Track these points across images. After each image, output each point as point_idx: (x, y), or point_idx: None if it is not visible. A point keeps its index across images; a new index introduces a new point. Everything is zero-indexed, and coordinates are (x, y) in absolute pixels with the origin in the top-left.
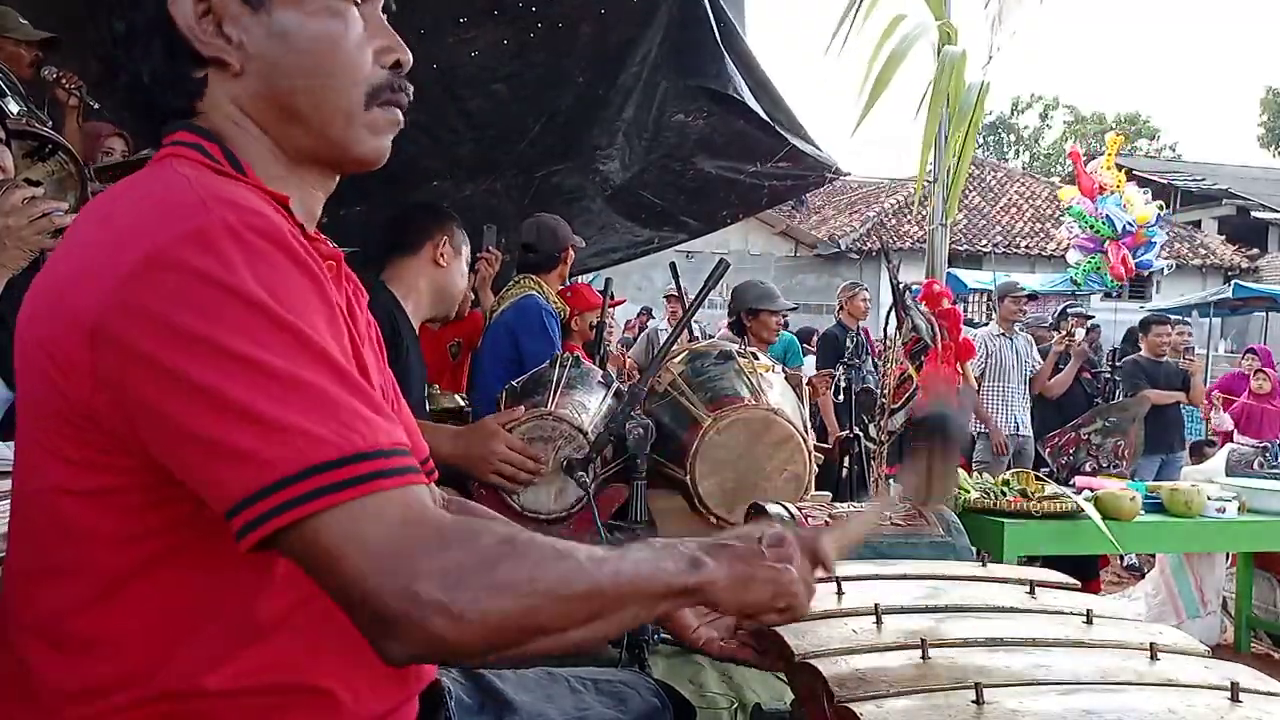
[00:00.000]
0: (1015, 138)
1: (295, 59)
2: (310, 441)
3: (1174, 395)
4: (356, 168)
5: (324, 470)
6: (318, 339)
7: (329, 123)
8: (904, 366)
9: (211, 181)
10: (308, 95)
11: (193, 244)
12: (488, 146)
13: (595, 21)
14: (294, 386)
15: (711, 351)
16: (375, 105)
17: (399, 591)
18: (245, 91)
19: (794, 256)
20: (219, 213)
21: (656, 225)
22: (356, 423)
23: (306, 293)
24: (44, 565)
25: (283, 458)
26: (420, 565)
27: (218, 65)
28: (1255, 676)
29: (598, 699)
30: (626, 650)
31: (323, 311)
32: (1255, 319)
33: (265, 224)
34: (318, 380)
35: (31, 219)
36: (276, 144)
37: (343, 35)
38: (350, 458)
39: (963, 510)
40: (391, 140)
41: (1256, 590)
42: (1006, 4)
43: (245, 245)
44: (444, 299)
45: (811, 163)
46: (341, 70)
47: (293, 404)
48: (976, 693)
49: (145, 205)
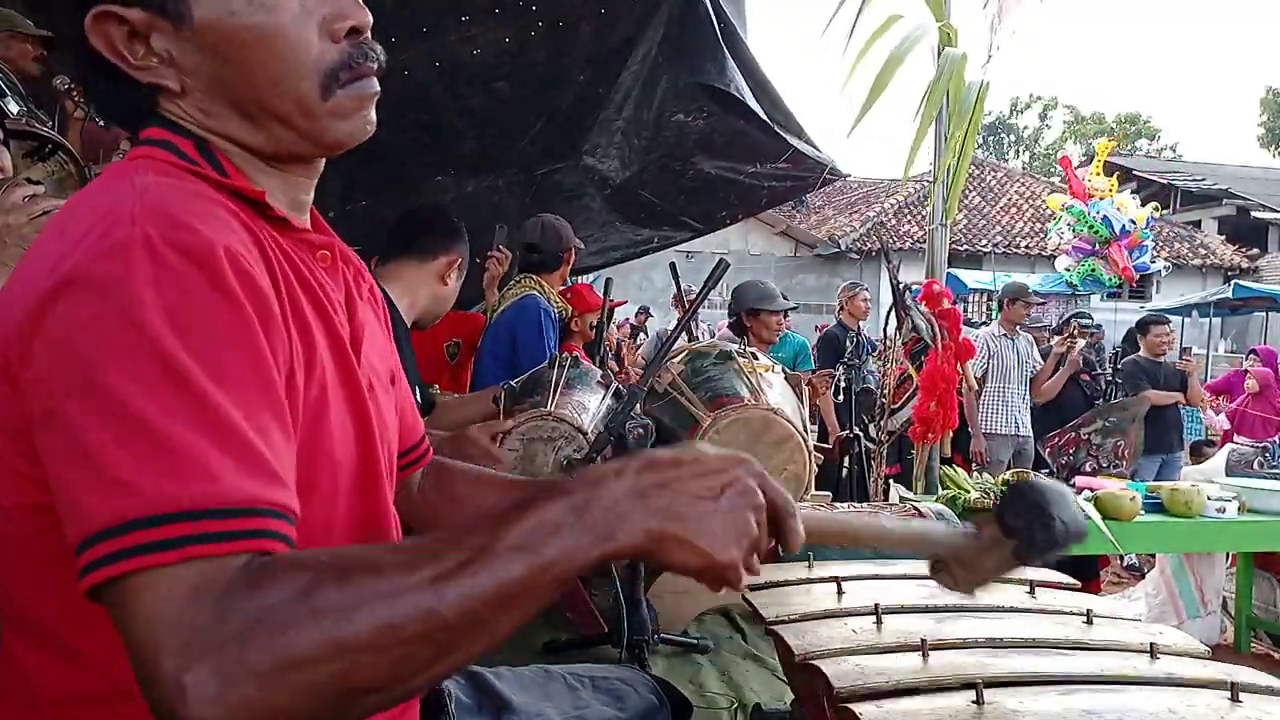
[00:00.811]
0: (1015, 138)
1: (231, 69)
2: (130, 496)
3: (1173, 395)
4: (335, 152)
5: (135, 528)
6: (199, 378)
7: (289, 121)
8: (904, 366)
9: (164, 190)
10: (257, 103)
11: (107, 260)
12: (489, 144)
13: (596, 20)
14: (141, 433)
15: (711, 351)
16: (336, 88)
17: (170, 681)
18: (195, 106)
19: (794, 256)
20: (143, 227)
21: (656, 225)
22: (192, 479)
23: (218, 320)
24: (17, 581)
25: (101, 509)
26: (193, 650)
27: (158, 89)
28: (1255, 676)
29: (595, 696)
30: (625, 649)
31: (236, 340)
32: (1255, 319)
33: (192, 240)
34: (170, 427)
35: (32, 217)
36: (244, 146)
37: (274, 27)
38: (165, 517)
39: (962, 510)
40: (374, 110)
41: (1256, 590)
42: (1006, 4)
43: (160, 263)
44: (433, 313)
45: (811, 163)
46: (282, 68)
47: (132, 452)
48: (976, 693)
49: (87, 218)
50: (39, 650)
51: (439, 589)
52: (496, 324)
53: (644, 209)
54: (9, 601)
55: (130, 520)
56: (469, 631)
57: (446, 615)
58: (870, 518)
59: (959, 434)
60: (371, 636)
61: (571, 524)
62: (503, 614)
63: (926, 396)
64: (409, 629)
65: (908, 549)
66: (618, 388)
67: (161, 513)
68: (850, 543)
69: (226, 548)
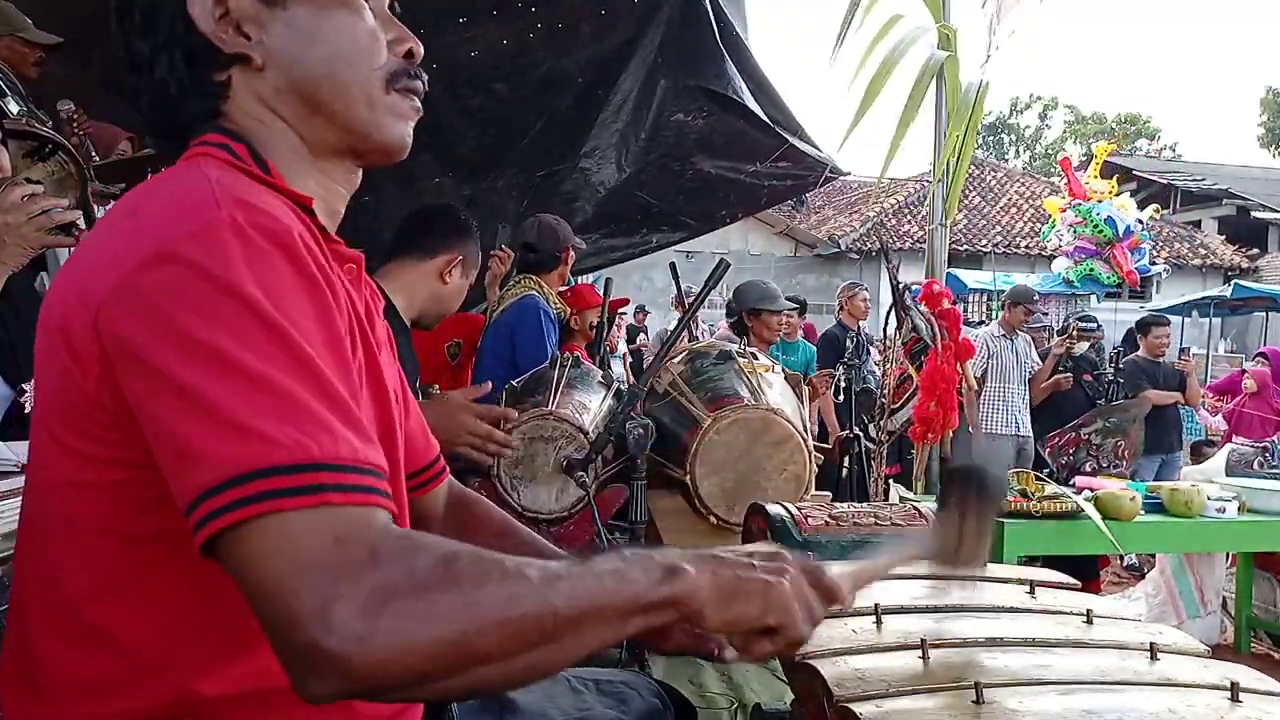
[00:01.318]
0: (1015, 137)
1: (315, 50)
2: (265, 444)
3: (1173, 395)
4: (380, 157)
5: (272, 474)
6: (302, 344)
7: (352, 108)
8: (904, 366)
9: (232, 181)
10: (330, 83)
11: (198, 240)
12: (488, 145)
13: (595, 21)
14: (264, 388)
15: (711, 351)
16: (394, 90)
17: (313, 615)
18: (268, 86)
19: (794, 256)
20: (229, 211)
21: (655, 225)
22: (319, 433)
23: (303, 298)
24: (54, 559)
25: (234, 458)
26: (343, 588)
27: (241, 62)
28: (1255, 676)
29: (599, 699)
30: (627, 650)
31: (319, 318)
32: (1255, 319)
33: (273, 225)
34: (290, 384)
35: (31, 216)
36: (301, 138)
37: (358, 25)
38: (303, 465)
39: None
40: (412, 131)
41: (1256, 590)
42: (1005, 3)
43: (248, 243)
44: (435, 312)
45: (811, 162)
46: (360, 57)
47: (258, 405)
48: (976, 692)
49: (166, 202)
50: (59, 640)
51: (552, 582)
52: (496, 324)
53: (643, 209)
54: (37, 594)
55: (263, 467)
56: (570, 631)
57: (559, 607)
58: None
59: (959, 434)
60: (500, 609)
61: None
62: (596, 626)
63: (926, 396)
64: (529, 610)
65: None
66: (618, 387)
67: (297, 461)
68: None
69: (359, 499)
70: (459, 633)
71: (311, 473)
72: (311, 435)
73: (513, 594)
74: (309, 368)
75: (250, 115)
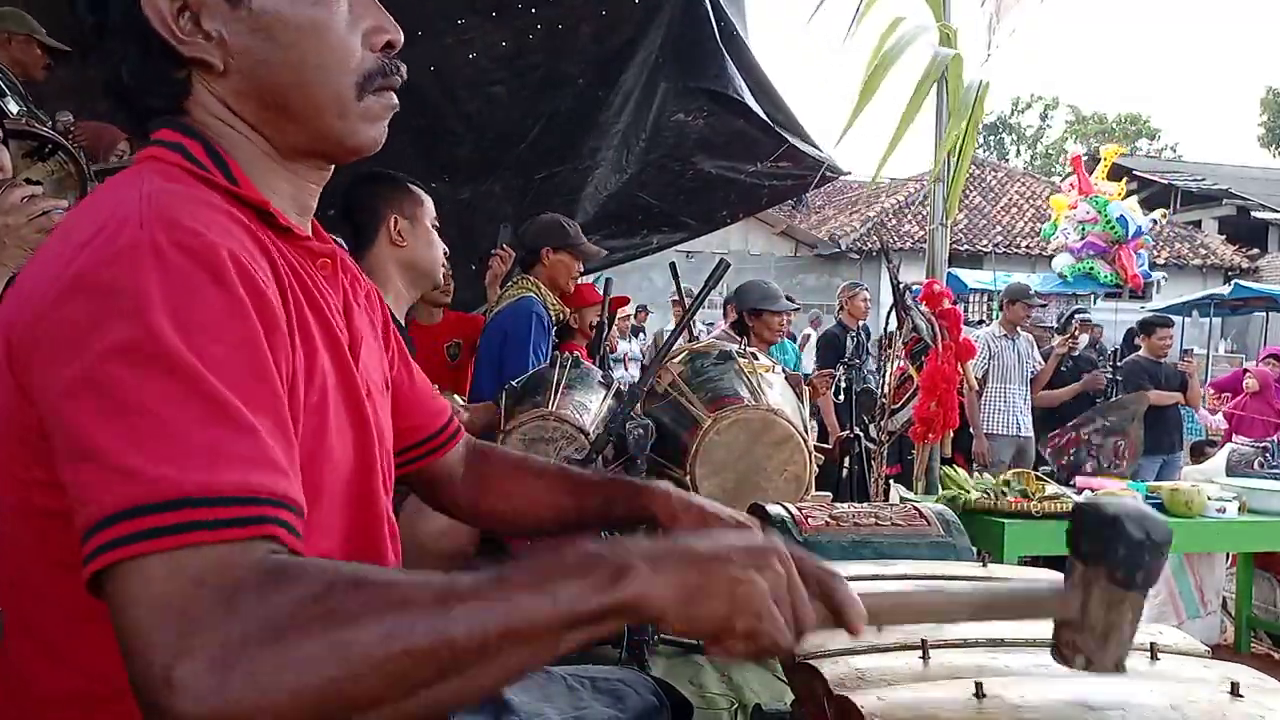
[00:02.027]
0: (1016, 137)
1: (281, 53)
2: (135, 483)
3: (1174, 396)
4: (352, 157)
5: (138, 514)
6: (203, 374)
7: (321, 116)
8: (904, 366)
9: (169, 195)
10: (298, 90)
11: (113, 266)
12: (486, 148)
13: (595, 22)
14: (148, 424)
15: (711, 352)
16: (368, 93)
17: (160, 674)
18: (231, 90)
19: (794, 256)
20: (150, 231)
21: (656, 226)
22: (198, 467)
23: (222, 319)
24: (25, 579)
25: (107, 498)
26: (194, 640)
27: (200, 65)
28: (1255, 676)
29: (595, 697)
30: (626, 650)
31: (239, 340)
32: (1255, 319)
33: (197, 243)
34: (178, 418)
35: (31, 217)
36: (267, 140)
37: (329, 22)
38: (171, 503)
39: (963, 510)
40: (386, 125)
41: (1256, 590)
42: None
43: (165, 266)
44: (418, 275)
45: (811, 162)
46: (330, 60)
47: (139, 442)
48: (977, 686)
49: (95, 223)
50: (35, 652)
51: (450, 608)
52: (491, 324)
53: (644, 210)
54: (13, 602)
55: (131, 507)
56: (478, 660)
57: (455, 636)
58: (939, 593)
59: (959, 434)
60: (378, 647)
61: (591, 566)
62: (514, 649)
63: (927, 396)
64: (416, 644)
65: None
66: (618, 388)
67: (164, 499)
68: (919, 620)
69: (235, 534)
70: (328, 680)
71: (179, 510)
72: (188, 470)
73: (393, 629)
74: (207, 397)
75: (211, 114)
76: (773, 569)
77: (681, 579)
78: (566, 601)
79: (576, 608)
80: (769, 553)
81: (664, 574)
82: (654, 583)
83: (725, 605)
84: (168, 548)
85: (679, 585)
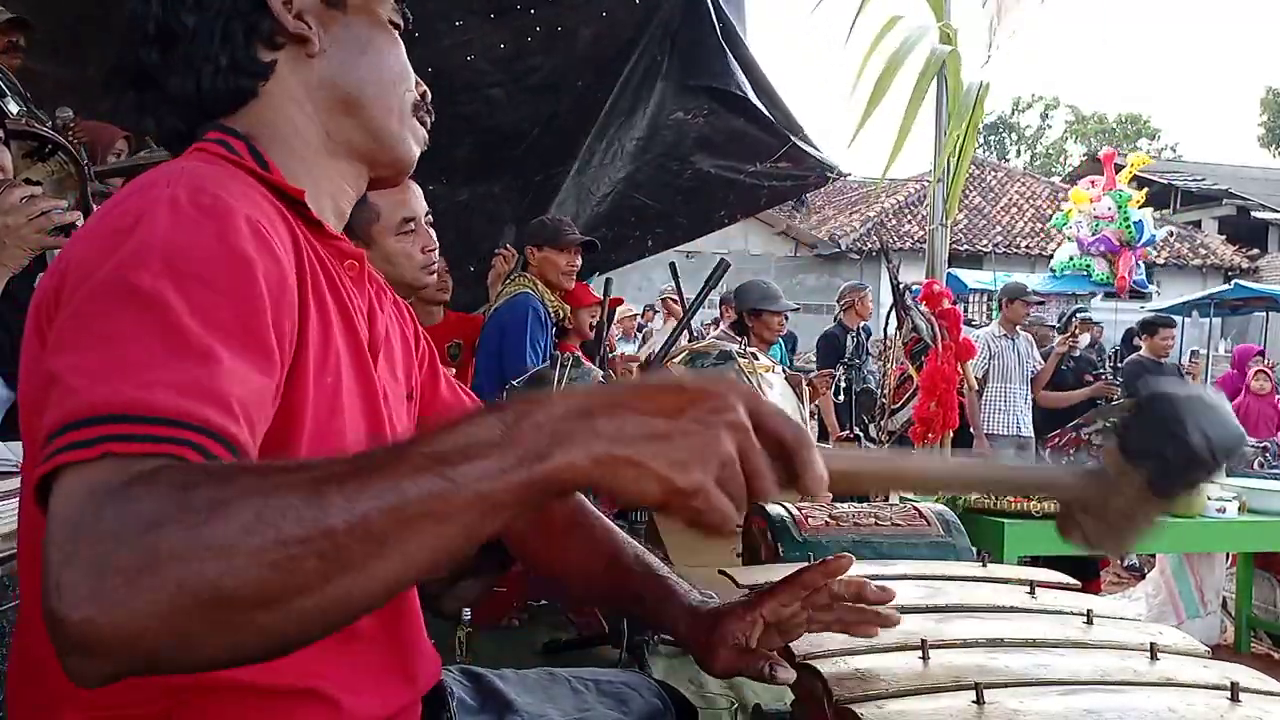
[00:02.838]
0: (1016, 137)
1: (366, 59)
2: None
3: None
4: (390, 170)
5: (68, 429)
6: (178, 312)
7: (387, 117)
8: (904, 366)
9: (205, 170)
10: (374, 88)
11: (131, 216)
12: (485, 150)
13: (595, 23)
14: (102, 348)
15: (711, 351)
16: (415, 115)
17: (51, 580)
18: (316, 74)
19: (794, 256)
20: (172, 190)
21: (654, 226)
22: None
23: (218, 269)
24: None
25: (51, 415)
26: (79, 544)
27: (296, 45)
28: (1255, 676)
29: (599, 700)
30: (627, 651)
31: (232, 282)
32: (1255, 319)
33: (214, 203)
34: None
35: (31, 217)
36: (327, 133)
37: (399, 52)
38: (95, 419)
39: (963, 510)
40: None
41: (1256, 590)
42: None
43: (176, 215)
44: (392, 278)
45: (812, 163)
46: (400, 78)
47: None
48: (977, 693)
49: (130, 193)
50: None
51: (323, 490)
52: (490, 321)
53: (642, 210)
54: (30, 586)
55: (64, 424)
56: (362, 546)
57: (330, 522)
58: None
59: (959, 434)
60: (243, 535)
61: (496, 440)
62: (406, 533)
63: (927, 397)
64: (284, 531)
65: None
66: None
67: (89, 415)
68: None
69: (135, 448)
70: (198, 576)
71: (97, 425)
72: (123, 390)
73: (261, 518)
74: (172, 332)
75: (279, 103)
76: (737, 420)
77: (621, 436)
78: (470, 483)
79: (483, 489)
80: (730, 397)
81: (600, 436)
82: (587, 448)
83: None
84: (79, 460)
85: (621, 445)
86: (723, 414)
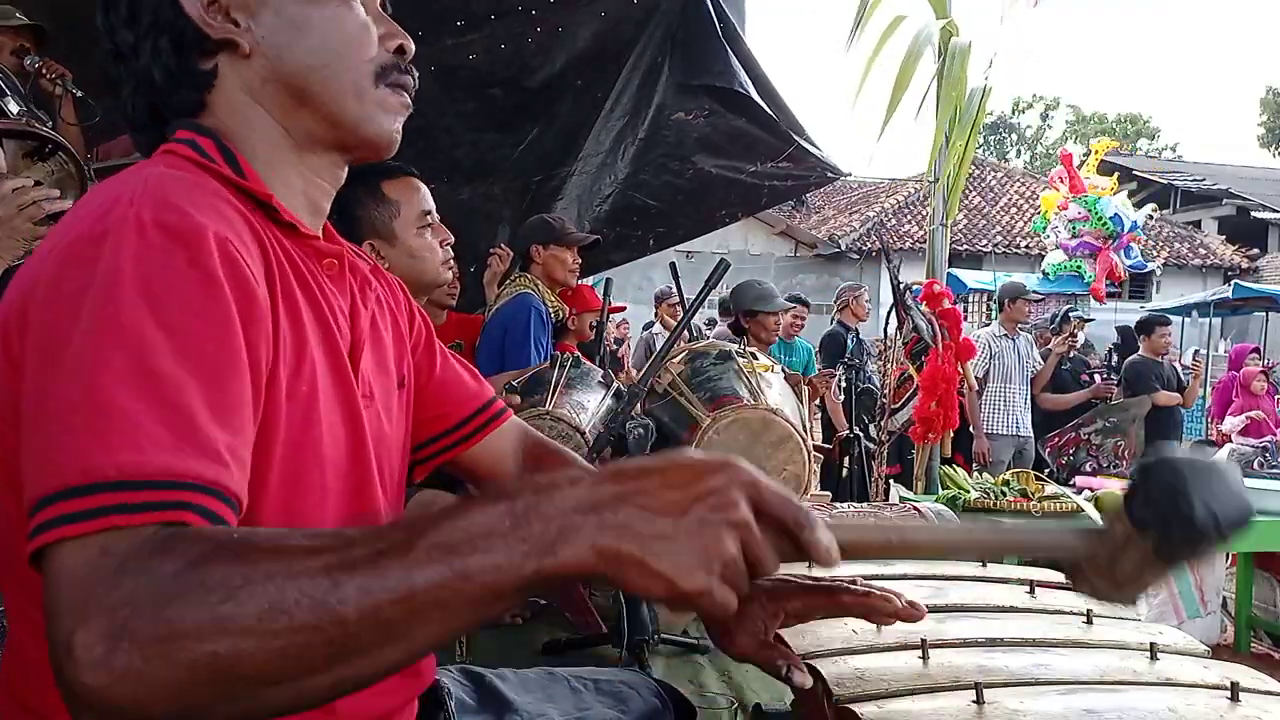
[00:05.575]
0: (1016, 137)
1: (304, 40)
2: (63, 466)
3: (1177, 397)
4: (368, 151)
5: (62, 498)
6: (157, 352)
7: (340, 100)
8: (904, 366)
9: (169, 180)
10: (318, 73)
11: (95, 241)
12: (485, 150)
13: (595, 23)
14: (88, 403)
15: (711, 351)
16: (383, 84)
17: (63, 644)
18: (255, 75)
19: (794, 256)
20: (138, 209)
21: (654, 226)
22: (122, 449)
23: (191, 297)
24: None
25: (42, 479)
26: (90, 609)
27: (228, 49)
28: (1255, 676)
29: (598, 699)
30: (627, 650)
31: (207, 319)
32: (1255, 319)
33: (181, 222)
34: (115, 398)
35: (22, 207)
36: (285, 130)
37: (348, 16)
38: (94, 486)
39: (962, 510)
40: (400, 128)
41: (1256, 590)
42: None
43: (143, 241)
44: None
45: (813, 163)
46: (349, 48)
47: (72, 423)
48: (976, 693)
49: (93, 205)
50: (34, 639)
51: (337, 579)
52: (491, 321)
53: (643, 210)
54: (15, 590)
55: (59, 491)
56: (372, 634)
57: (342, 610)
58: (930, 527)
59: (959, 434)
60: (256, 619)
61: (505, 532)
62: (414, 622)
63: (927, 397)
64: (298, 617)
65: (1002, 554)
66: (618, 388)
67: (85, 483)
68: (904, 556)
69: (139, 519)
70: (210, 654)
71: (95, 495)
72: (109, 454)
73: (276, 603)
74: (153, 378)
75: (233, 107)
76: (739, 518)
77: (627, 533)
78: (478, 575)
79: (490, 581)
80: (732, 491)
81: (606, 531)
82: (594, 544)
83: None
84: (80, 533)
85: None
86: (726, 512)
